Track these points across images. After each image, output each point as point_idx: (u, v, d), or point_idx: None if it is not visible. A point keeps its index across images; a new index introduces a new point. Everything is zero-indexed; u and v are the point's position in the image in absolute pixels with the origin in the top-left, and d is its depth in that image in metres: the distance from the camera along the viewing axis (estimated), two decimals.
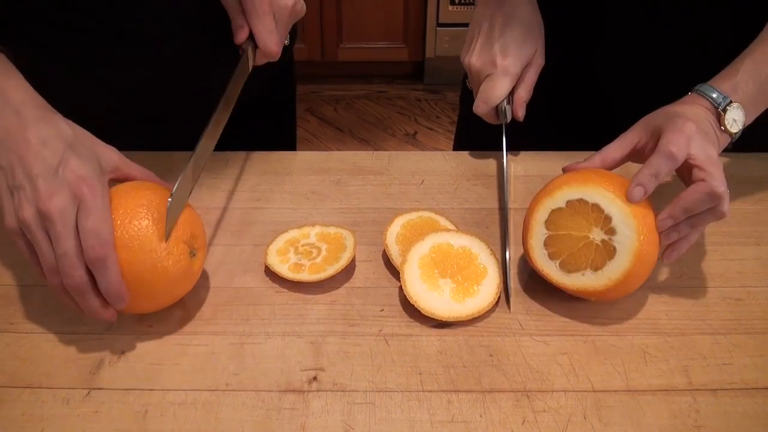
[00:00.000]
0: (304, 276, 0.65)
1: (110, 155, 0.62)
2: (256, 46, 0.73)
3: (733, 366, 0.59)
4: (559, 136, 0.88)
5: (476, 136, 0.85)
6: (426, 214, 0.73)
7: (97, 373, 0.58)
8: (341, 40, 2.70)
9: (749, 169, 0.82)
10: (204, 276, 0.68)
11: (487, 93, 0.78)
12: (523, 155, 0.84)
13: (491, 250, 0.66)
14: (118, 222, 0.57)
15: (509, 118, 0.79)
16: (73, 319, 0.63)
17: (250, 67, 0.74)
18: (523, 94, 0.80)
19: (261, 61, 0.74)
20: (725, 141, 0.66)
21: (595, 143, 0.69)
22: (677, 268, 0.68)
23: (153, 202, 0.59)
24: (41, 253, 0.56)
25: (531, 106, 0.81)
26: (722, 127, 0.65)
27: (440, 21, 2.60)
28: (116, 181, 0.63)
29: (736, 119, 0.65)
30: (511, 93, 0.80)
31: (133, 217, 0.58)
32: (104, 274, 0.56)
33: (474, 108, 0.80)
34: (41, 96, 0.63)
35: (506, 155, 0.79)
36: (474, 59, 0.79)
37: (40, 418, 0.55)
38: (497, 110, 0.79)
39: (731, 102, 0.65)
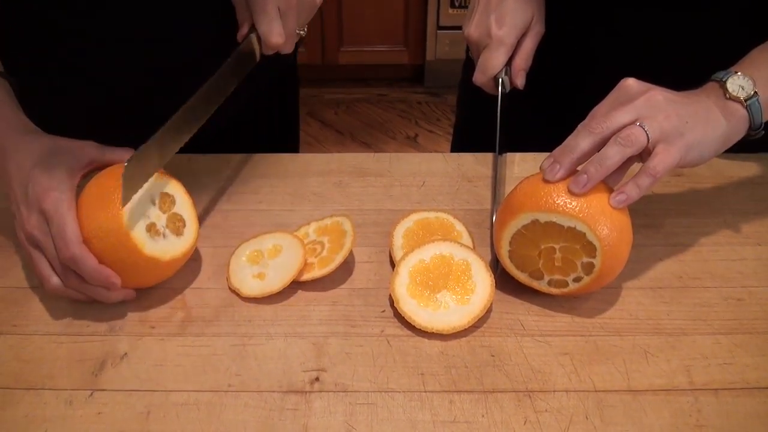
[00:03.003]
0: (316, 273, 0.66)
1: (82, 151, 0.66)
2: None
3: (735, 366, 0.59)
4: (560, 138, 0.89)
5: (473, 140, 0.85)
6: (443, 215, 0.73)
7: (100, 375, 0.58)
8: (342, 44, 2.71)
9: (749, 169, 0.82)
10: (206, 277, 0.68)
11: (484, 64, 0.80)
12: (527, 156, 0.85)
13: (476, 253, 0.66)
14: (86, 216, 0.61)
15: (507, 88, 0.81)
16: (75, 321, 0.63)
17: (258, 57, 0.73)
18: (520, 62, 0.81)
19: (267, 51, 0.72)
20: (736, 111, 0.63)
21: None
22: (678, 269, 0.69)
23: (110, 187, 0.61)
24: (34, 264, 0.62)
25: (533, 107, 0.81)
26: (726, 95, 0.63)
27: (440, 24, 2.61)
28: (100, 169, 0.65)
29: (743, 86, 0.63)
30: (510, 63, 0.81)
31: (97, 207, 0.61)
32: (81, 269, 0.60)
33: (473, 79, 0.81)
34: (35, 107, 0.66)
35: (499, 129, 0.80)
36: (472, 30, 0.81)
37: (43, 419, 0.55)
38: (495, 80, 0.80)
39: (736, 73, 0.64)
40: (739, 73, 0.63)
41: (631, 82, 0.63)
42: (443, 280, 0.64)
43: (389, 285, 0.64)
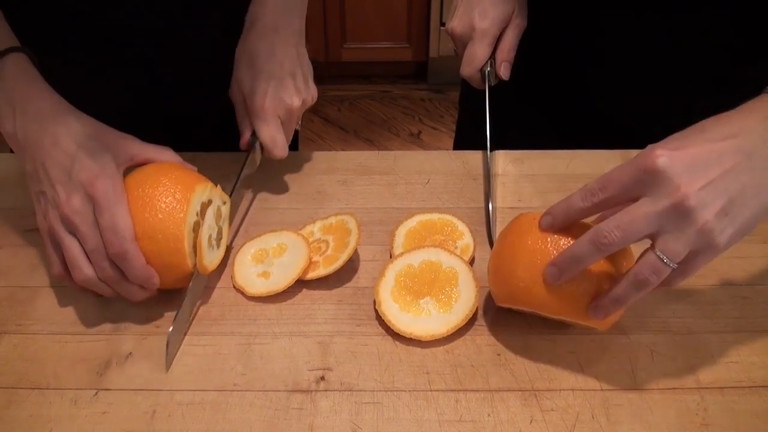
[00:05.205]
0: (321, 271, 0.65)
1: (124, 144, 0.64)
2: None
3: (741, 364, 0.59)
4: (559, 138, 0.88)
5: (477, 137, 0.85)
6: (447, 217, 0.73)
7: (105, 374, 0.58)
8: (345, 41, 2.70)
9: None
10: (211, 276, 0.68)
11: (470, 56, 0.82)
12: (530, 154, 0.84)
13: (461, 258, 0.65)
14: (138, 213, 0.59)
15: (493, 82, 0.83)
16: (80, 321, 0.63)
17: (258, 161, 0.75)
18: (503, 54, 0.82)
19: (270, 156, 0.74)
20: None
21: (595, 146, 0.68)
22: None
23: (170, 189, 0.61)
24: (66, 250, 0.59)
25: (530, 107, 0.81)
26: None
27: (444, 21, 2.60)
28: (137, 166, 0.64)
29: None
30: (494, 55, 0.83)
31: (153, 207, 0.59)
32: (127, 266, 0.58)
33: (461, 72, 0.83)
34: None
35: (488, 123, 0.81)
36: (455, 24, 0.83)
37: (48, 418, 0.55)
38: (482, 74, 0.82)
39: None
40: None
41: (660, 164, 0.49)
42: (428, 286, 0.63)
43: (374, 286, 0.64)
